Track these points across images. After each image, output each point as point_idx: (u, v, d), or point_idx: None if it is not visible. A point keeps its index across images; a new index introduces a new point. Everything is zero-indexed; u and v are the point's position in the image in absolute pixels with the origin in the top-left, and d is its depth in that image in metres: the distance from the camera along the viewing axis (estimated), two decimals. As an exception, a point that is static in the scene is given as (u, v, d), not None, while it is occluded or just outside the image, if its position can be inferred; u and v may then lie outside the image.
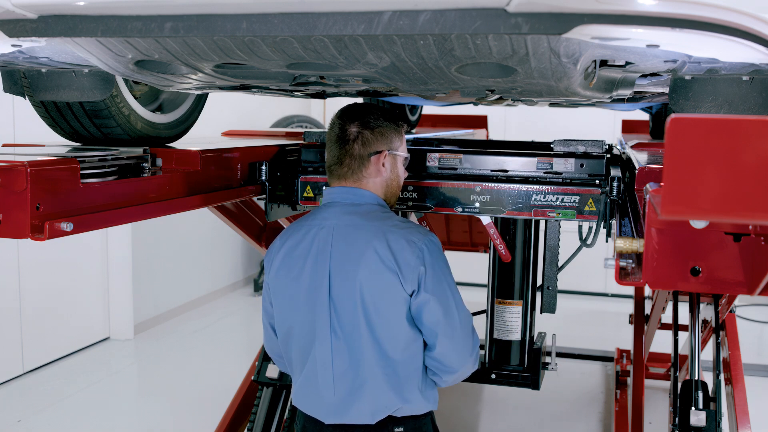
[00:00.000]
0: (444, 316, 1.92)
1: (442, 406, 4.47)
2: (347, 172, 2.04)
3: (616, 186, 2.28)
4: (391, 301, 1.91)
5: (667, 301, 3.31)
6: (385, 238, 1.91)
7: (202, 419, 4.04)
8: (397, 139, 2.08)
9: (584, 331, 6.26)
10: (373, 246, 1.90)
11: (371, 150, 2.02)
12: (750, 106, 1.80)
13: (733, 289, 1.38)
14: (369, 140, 2.02)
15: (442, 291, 1.92)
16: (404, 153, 2.12)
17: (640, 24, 1.25)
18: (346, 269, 1.93)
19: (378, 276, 1.90)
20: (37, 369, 4.98)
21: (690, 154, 0.94)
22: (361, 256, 1.91)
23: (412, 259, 1.89)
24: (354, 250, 1.93)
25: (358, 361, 1.95)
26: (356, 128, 2.03)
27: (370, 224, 1.95)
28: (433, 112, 5.57)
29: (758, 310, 6.64)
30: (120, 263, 5.67)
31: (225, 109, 6.39)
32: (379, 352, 1.93)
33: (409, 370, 1.96)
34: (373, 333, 1.92)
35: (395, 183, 2.10)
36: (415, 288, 1.90)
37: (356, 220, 1.97)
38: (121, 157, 2.06)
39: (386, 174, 2.06)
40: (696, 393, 2.34)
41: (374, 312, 1.92)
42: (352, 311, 1.93)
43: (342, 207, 2.02)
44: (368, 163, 2.03)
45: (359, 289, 1.91)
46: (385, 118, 2.05)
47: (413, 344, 1.95)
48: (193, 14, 1.34)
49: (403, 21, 1.25)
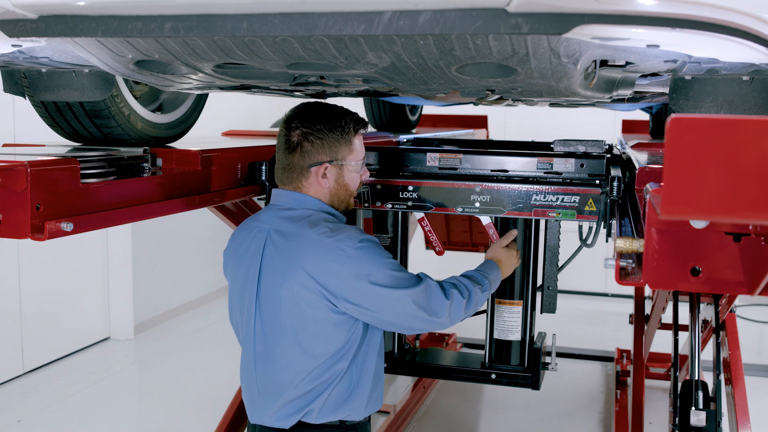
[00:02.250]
0: (389, 315, 1.92)
1: (443, 406, 4.49)
2: (288, 180, 2.03)
3: (616, 186, 2.28)
4: (314, 313, 1.91)
5: (667, 301, 3.31)
6: (313, 249, 1.89)
7: (202, 419, 4.04)
8: (344, 148, 2.00)
9: (584, 331, 6.26)
10: (300, 261, 1.89)
11: (311, 161, 1.98)
12: (750, 106, 1.80)
13: (733, 289, 1.38)
14: (308, 151, 1.98)
15: (374, 296, 1.88)
16: (354, 161, 2.04)
17: (640, 24, 1.25)
18: (273, 278, 1.94)
19: (301, 290, 1.89)
20: (37, 369, 4.98)
21: (690, 154, 0.94)
22: (289, 266, 1.91)
23: (339, 270, 1.86)
24: (282, 259, 1.93)
25: (277, 366, 1.98)
26: (297, 137, 1.98)
27: (301, 232, 1.92)
28: (433, 112, 5.57)
29: (758, 310, 6.64)
30: (120, 263, 5.67)
31: (225, 109, 6.39)
32: (298, 359, 1.95)
33: (327, 377, 1.96)
34: (293, 341, 1.94)
35: (343, 191, 2.05)
36: (345, 299, 1.88)
37: (288, 226, 1.96)
38: (121, 157, 2.06)
39: (328, 185, 2.01)
40: (696, 393, 2.34)
41: (297, 321, 1.93)
42: (276, 319, 1.96)
43: (279, 211, 2.01)
44: (308, 174, 1.99)
45: (283, 298, 1.93)
46: (330, 126, 1.98)
47: (334, 355, 1.95)
48: (193, 14, 1.34)
49: (403, 21, 1.25)
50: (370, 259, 1.89)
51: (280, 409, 2.00)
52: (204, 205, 2.35)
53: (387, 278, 1.89)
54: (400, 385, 4.72)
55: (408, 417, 4.21)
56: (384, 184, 2.50)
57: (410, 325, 1.98)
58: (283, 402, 1.99)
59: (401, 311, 1.92)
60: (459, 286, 2.05)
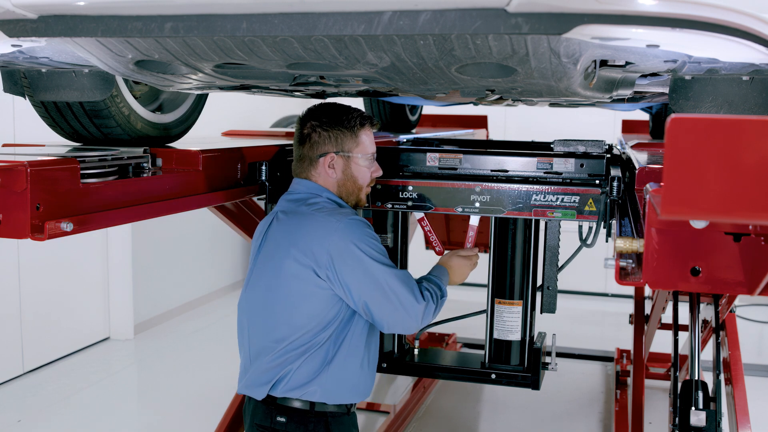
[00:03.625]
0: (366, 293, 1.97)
1: (443, 406, 4.49)
2: (300, 170, 2.18)
3: (616, 186, 2.28)
4: (300, 285, 2.00)
5: (667, 301, 3.31)
6: (308, 224, 2.02)
7: (202, 419, 4.04)
8: (350, 141, 2.13)
9: (584, 331, 6.26)
10: (293, 235, 2.02)
11: (319, 152, 2.13)
12: (750, 106, 1.80)
13: (733, 289, 1.38)
14: (316, 142, 2.13)
15: (356, 264, 1.96)
16: (361, 154, 2.15)
17: (640, 24, 1.25)
18: (268, 251, 2.09)
19: (290, 263, 2.00)
20: (37, 369, 4.98)
21: (690, 154, 0.94)
22: (283, 240, 2.04)
23: (326, 237, 1.96)
24: (280, 235, 2.07)
25: (260, 334, 2.08)
26: (308, 130, 2.14)
27: (299, 209, 2.08)
28: (433, 112, 5.57)
29: (758, 310, 6.64)
30: (120, 263, 5.67)
31: (225, 109, 6.39)
32: (279, 329, 2.03)
33: (301, 350, 2.01)
34: (277, 311, 2.03)
35: (350, 183, 2.17)
36: (327, 268, 1.97)
37: (291, 206, 2.12)
38: (121, 157, 2.06)
39: (336, 175, 2.14)
40: (696, 393, 2.34)
41: (282, 292, 2.03)
42: (265, 289, 2.07)
43: (288, 195, 2.19)
44: (317, 164, 2.14)
45: (273, 269, 2.05)
46: (337, 120, 2.12)
47: (313, 328, 2.01)
48: (193, 14, 1.34)
49: (403, 21, 1.25)
50: (360, 231, 1.99)
51: (257, 377, 2.06)
52: (204, 205, 2.35)
53: (372, 250, 1.98)
54: (400, 385, 4.72)
55: (408, 417, 4.21)
56: (384, 184, 2.50)
57: (382, 311, 1.99)
58: (260, 370, 2.05)
59: (378, 291, 1.96)
60: (431, 290, 2.09)
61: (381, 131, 4.47)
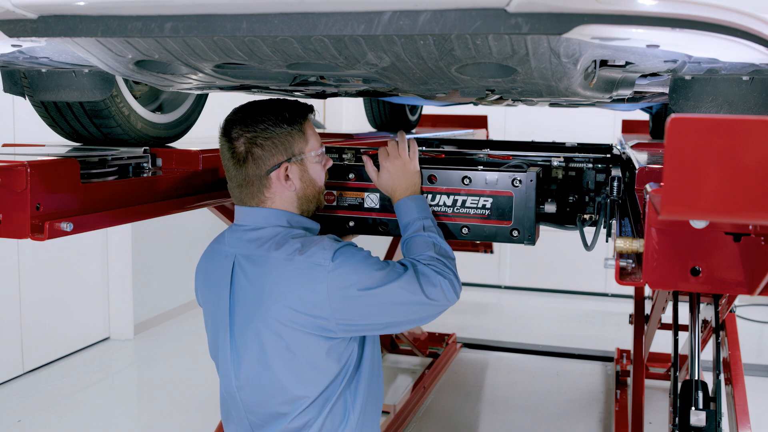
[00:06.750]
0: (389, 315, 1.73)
1: (443, 406, 4.48)
2: (249, 196, 1.80)
3: (616, 186, 2.28)
4: (302, 348, 1.72)
5: (667, 301, 3.31)
6: (288, 275, 1.69)
7: (202, 419, 4.04)
8: (299, 140, 1.80)
9: (584, 331, 6.26)
10: (275, 294, 1.70)
11: (267, 167, 1.76)
12: (750, 106, 1.80)
13: (733, 289, 1.38)
14: (261, 157, 1.75)
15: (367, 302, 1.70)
16: (313, 150, 1.83)
17: (640, 24, 1.25)
18: (247, 311, 1.76)
19: (280, 327, 1.71)
20: (37, 369, 4.98)
21: (690, 154, 0.94)
22: (264, 298, 1.72)
23: (322, 290, 1.67)
24: (255, 289, 1.74)
25: (262, 399, 1.80)
26: (243, 145, 1.76)
27: (269, 255, 1.73)
28: (433, 112, 5.58)
29: (758, 310, 6.64)
30: (120, 263, 5.67)
31: (225, 109, 6.39)
32: (284, 390, 1.76)
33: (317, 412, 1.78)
34: (278, 372, 1.76)
35: (310, 189, 1.84)
36: (336, 319, 1.69)
37: (255, 251, 1.76)
38: (121, 157, 2.06)
39: (294, 186, 1.80)
40: (696, 393, 2.34)
41: (281, 353, 1.74)
42: (254, 357, 1.77)
43: (244, 233, 1.80)
44: (269, 182, 1.78)
45: (261, 334, 1.74)
46: (275, 121, 1.77)
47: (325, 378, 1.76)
48: (193, 14, 1.34)
49: (403, 21, 1.25)
50: (352, 266, 1.69)
51: None
52: (204, 205, 2.35)
53: (375, 279, 1.70)
54: (400, 385, 4.72)
55: (408, 417, 4.21)
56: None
57: (413, 317, 1.77)
58: None
59: (399, 306, 1.73)
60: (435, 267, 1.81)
61: (381, 131, 4.47)
